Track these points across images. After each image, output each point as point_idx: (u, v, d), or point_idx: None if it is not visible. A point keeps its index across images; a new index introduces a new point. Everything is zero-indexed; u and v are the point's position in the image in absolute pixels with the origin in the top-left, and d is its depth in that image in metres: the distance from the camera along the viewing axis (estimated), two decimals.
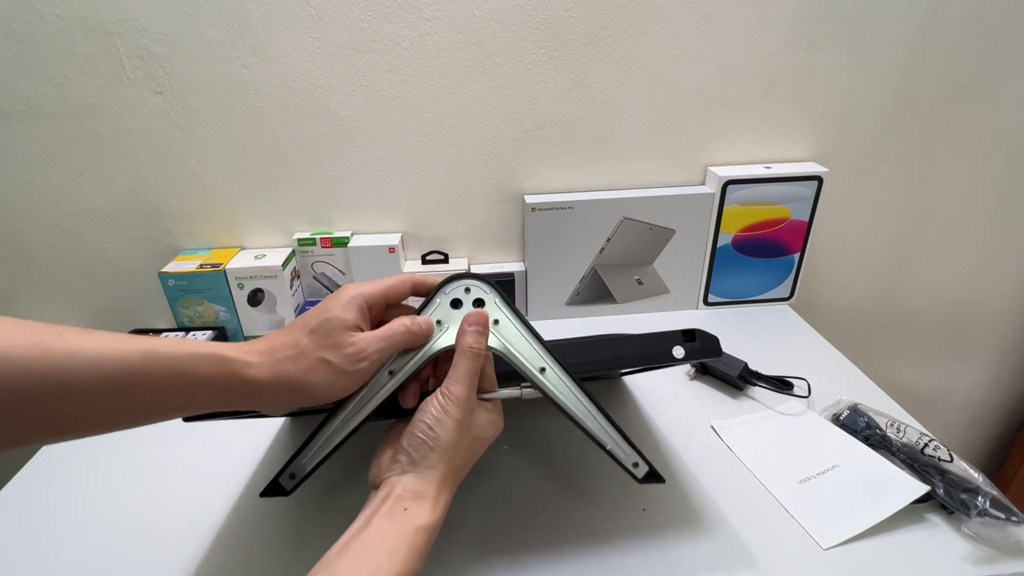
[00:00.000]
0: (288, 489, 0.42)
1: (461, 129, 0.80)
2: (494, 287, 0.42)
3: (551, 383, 0.42)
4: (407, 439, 0.39)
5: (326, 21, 0.72)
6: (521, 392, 0.43)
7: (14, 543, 0.54)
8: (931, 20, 0.78)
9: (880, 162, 0.88)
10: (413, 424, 0.39)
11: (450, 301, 0.42)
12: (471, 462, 0.42)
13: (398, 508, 0.36)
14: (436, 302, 0.42)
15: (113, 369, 0.31)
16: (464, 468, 0.41)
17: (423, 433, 0.38)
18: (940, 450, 0.57)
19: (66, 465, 0.63)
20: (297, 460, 0.41)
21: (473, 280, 0.42)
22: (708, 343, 0.46)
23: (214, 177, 0.80)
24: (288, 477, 0.42)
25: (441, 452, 0.38)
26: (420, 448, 0.38)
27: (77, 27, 0.70)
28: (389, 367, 0.41)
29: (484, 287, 0.42)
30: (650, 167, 0.85)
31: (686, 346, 0.45)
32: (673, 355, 0.45)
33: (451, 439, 0.38)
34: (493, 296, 0.42)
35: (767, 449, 0.61)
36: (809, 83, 0.81)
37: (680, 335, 0.45)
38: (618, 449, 0.43)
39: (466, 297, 0.42)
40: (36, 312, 0.86)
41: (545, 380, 0.42)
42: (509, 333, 0.42)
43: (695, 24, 0.76)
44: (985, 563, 0.48)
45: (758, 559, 0.50)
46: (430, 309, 0.42)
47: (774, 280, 0.90)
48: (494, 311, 0.42)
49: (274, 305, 0.81)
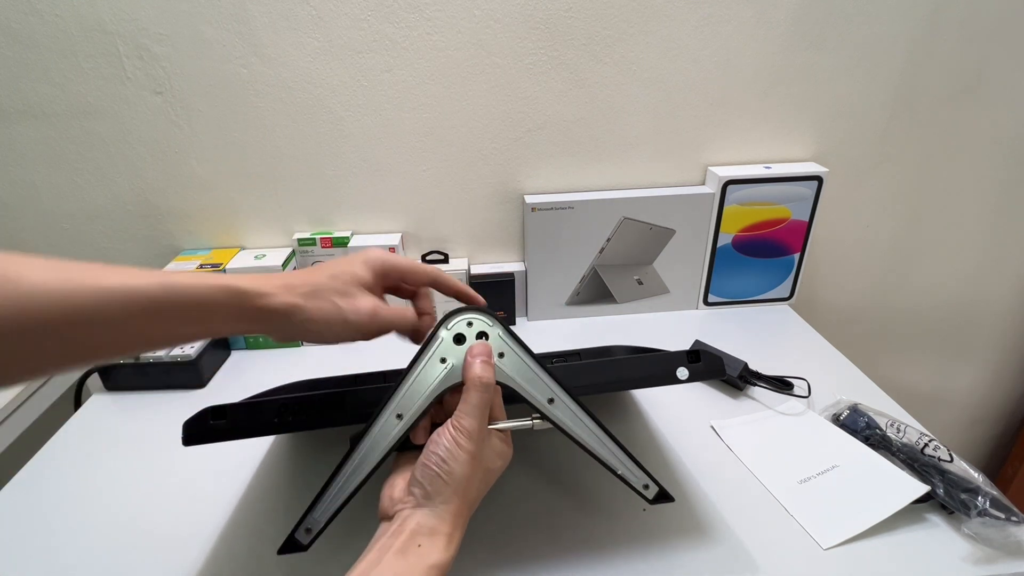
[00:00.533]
0: (305, 544, 0.41)
1: (461, 129, 0.80)
2: (497, 319, 0.41)
3: (560, 413, 0.42)
4: (420, 470, 0.38)
5: (326, 21, 0.72)
6: (532, 424, 0.42)
7: (14, 543, 0.54)
8: (931, 20, 0.78)
9: (880, 162, 0.88)
10: (426, 455, 0.38)
11: (453, 337, 0.41)
12: (483, 494, 0.41)
13: (412, 545, 0.35)
14: (440, 337, 0.41)
15: (136, 302, 0.33)
16: (476, 501, 0.41)
17: (437, 466, 0.37)
18: (940, 450, 0.57)
19: (66, 465, 0.63)
20: (311, 514, 0.41)
21: (475, 314, 0.41)
22: (712, 364, 0.46)
23: (214, 177, 0.80)
24: (304, 532, 0.41)
25: (455, 486, 0.37)
26: (434, 481, 0.37)
27: (77, 27, 0.70)
28: (396, 410, 0.40)
29: (487, 320, 0.41)
30: (650, 167, 0.85)
31: (690, 367, 0.45)
32: (677, 376, 0.45)
33: (464, 473, 0.38)
34: (497, 329, 0.41)
35: (767, 449, 0.61)
36: (809, 83, 0.81)
37: (685, 356, 0.45)
38: (629, 473, 0.44)
39: (469, 331, 0.41)
40: None
41: (554, 411, 0.42)
42: (516, 366, 0.41)
43: (695, 24, 0.76)
44: (985, 563, 0.48)
45: (758, 559, 0.50)
46: (433, 346, 0.41)
47: (774, 280, 0.90)
48: (499, 344, 0.41)
49: None
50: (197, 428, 0.43)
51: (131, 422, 0.70)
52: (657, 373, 0.45)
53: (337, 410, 0.43)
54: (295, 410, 0.43)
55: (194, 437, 0.43)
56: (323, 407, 0.43)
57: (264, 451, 0.63)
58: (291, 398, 0.43)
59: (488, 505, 0.55)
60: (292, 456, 0.62)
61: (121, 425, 0.69)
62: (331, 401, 0.43)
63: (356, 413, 0.43)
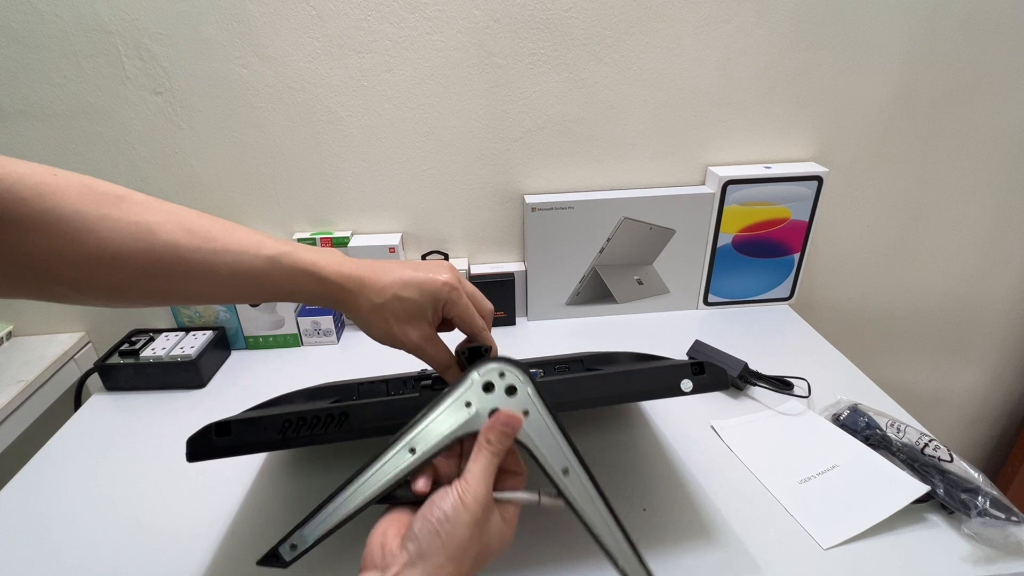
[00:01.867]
0: (287, 560, 0.39)
1: (461, 129, 0.80)
2: (530, 377, 0.40)
3: (572, 487, 0.40)
4: (420, 524, 0.36)
5: (326, 21, 0.72)
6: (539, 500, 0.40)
7: (14, 543, 0.54)
8: (931, 20, 0.79)
9: (880, 162, 0.88)
10: (428, 509, 0.36)
11: (483, 384, 0.40)
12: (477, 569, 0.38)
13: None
14: (469, 381, 0.40)
15: (244, 267, 0.40)
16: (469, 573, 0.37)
17: (438, 523, 0.35)
18: (940, 450, 0.57)
19: (66, 465, 0.63)
20: (300, 530, 0.39)
21: (509, 366, 0.40)
22: (716, 376, 0.46)
23: (214, 177, 0.80)
24: (289, 548, 0.39)
25: (453, 551, 0.35)
26: (432, 540, 0.35)
27: (77, 27, 0.70)
28: (410, 445, 0.39)
29: (519, 376, 0.40)
30: (650, 167, 0.85)
31: (694, 379, 0.45)
32: (681, 388, 0.45)
33: (464, 538, 0.36)
34: (527, 386, 0.40)
35: (767, 449, 0.61)
36: (809, 83, 0.81)
37: (689, 368, 0.45)
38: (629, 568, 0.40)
39: (499, 382, 0.40)
40: (36, 312, 0.86)
41: (567, 482, 0.40)
42: (538, 428, 0.40)
43: (695, 24, 0.76)
44: (985, 563, 0.48)
45: (758, 559, 0.50)
46: (460, 388, 0.40)
47: (774, 280, 0.90)
48: (525, 402, 0.40)
49: (274, 305, 0.81)
50: (201, 445, 0.43)
51: (131, 422, 0.70)
52: (661, 386, 0.45)
53: (342, 426, 0.43)
54: (299, 426, 0.43)
55: (198, 454, 0.43)
56: (328, 423, 0.43)
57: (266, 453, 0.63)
58: (295, 413, 0.43)
59: None
60: (294, 458, 0.62)
61: (121, 425, 0.69)
62: (336, 417, 0.44)
63: (361, 429, 0.43)
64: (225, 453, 0.43)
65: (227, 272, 0.40)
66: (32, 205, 0.34)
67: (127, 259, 0.37)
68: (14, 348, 0.84)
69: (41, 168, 0.35)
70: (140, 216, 0.38)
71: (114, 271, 0.37)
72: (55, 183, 0.35)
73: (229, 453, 0.43)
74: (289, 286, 0.42)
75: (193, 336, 0.78)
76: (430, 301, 0.45)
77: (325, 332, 0.83)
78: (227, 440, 0.43)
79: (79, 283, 0.37)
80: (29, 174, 0.34)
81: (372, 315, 0.44)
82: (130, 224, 0.37)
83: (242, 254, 0.40)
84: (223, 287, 0.41)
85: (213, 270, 0.40)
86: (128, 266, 0.37)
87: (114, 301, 0.40)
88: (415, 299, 0.44)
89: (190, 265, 0.39)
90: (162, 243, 0.38)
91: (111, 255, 0.36)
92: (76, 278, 0.36)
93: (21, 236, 0.34)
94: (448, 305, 0.46)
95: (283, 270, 0.42)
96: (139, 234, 0.37)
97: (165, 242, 0.38)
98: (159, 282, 0.39)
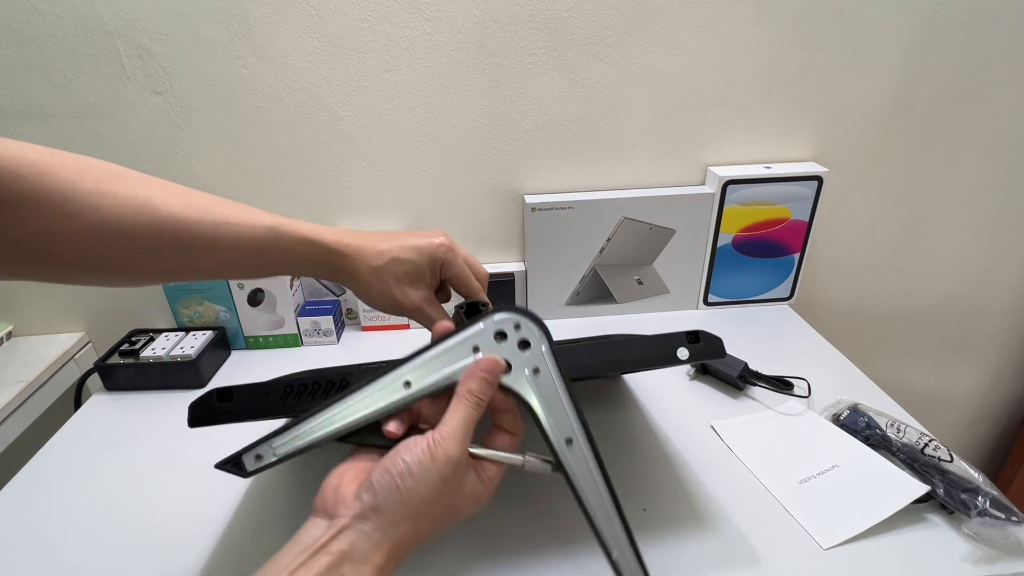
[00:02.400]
0: (249, 471, 0.37)
1: (461, 129, 0.80)
2: (546, 334, 0.37)
3: (574, 460, 0.36)
4: (378, 475, 0.33)
5: (326, 21, 0.72)
6: (524, 462, 0.37)
7: (15, 543, 0.54)
8: (931, 20, 0.78)
9: (880, 162, 0.88)
10: (391, 459, 0.33)
11: (495, 331, 0.37)
12: (433, 534, 0.34)
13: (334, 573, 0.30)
14: (480, 327, 0.37)
15: (246, 238, 0.41)
16: (424, 539, 0.34)
17: (399, 476, 0.32)
18: (940, 450, 0.57)
19: (66, 465, 0.63)
20: (269, 442, 0.36)
21: (526, 318, 0.37)
22: (712, 344, 0.45)
23: (214, 177, 0.80)
24: (254, 458, 0.36)
25: (412, 509, 0.32)
26: (389, 494, 0.32)
27: (77, 27, 0.70)
28: (406, 377, 0.36)
29: (535, 331, 0.37)
30: (650, 167, 0.85)
31: (690, 347, 0.44)
32: (677, 356, 0.44)
33: (426, 498, 0.32)
34: (542, 343, 0.37)
35: (767, 449, 0.61)
36: (809, 83, 0.81)
37: (684, 336, 0.45)
38: (623, 559, 0.36)
39: (513, 333, 0.37)
40: (36, 312, 0.86)
41: (569, 454, 0.36)
42: (548, 390, 0.36)
43: (695, 24, 0.76)
44: (985, 563, 0.48)
45: (758, 559, 0.50)
46: (470, 331, 0.37)
47: (774, 280, 0.90)
48: (538, 359, 0.37)
49: (274, 305, 0.81)
50: (203, 410, 0.43)
51: (131, 422, 0.70)
52: (657, 353, 0.45)
53: (343, 391, 0.42)
54: (300, 392, 0.42)
55: (200, 419, 0.43)
56: (328, 389, 0.42)
57: None
58: (297, 377, 0.43)
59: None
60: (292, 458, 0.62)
61: (121, 425, 0.69)
62: (337, 382, 0.42)
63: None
64: (226, 419, 0.43)
65: (228, 243, 0.40)
66: (31, 183, 0.34)
67: (129, 233, 0.37)
68: (14, 348, 0.84)
69: (38, 148, 0.35)
70: (140, 191, 0.38)
71: (117, 246, 0.37)
72: (53, 162, 0.35)
73: (230, 419, 0.42)
74: (291, 255, 0.43)
75: (193, 336, 0.78)
76: (428, 262, 0.47)
77: (325, 332, 0.83)
78: (228, 405, 0.43)
79: (82, 260, 0.37)
80: (27, 152, 0.34)
81: (372, 279, 0.46)
82: (131, 198, 0.37)
83: (242, 225, 0.41)
84: (225, 259, 0.41)
85: (215, 242, 0.40)
86: (130, 241, 0.37)
87: (117, 279, 0.40)
88: (414, 260, 0.47)
89: (192, 237, 0.39)
90: (163, 216, 0.38)
91: (113, 230, 0.36)
92: (79, 255, 0.36)
93: (22, 215, 0.34)
94: (445, 265, 0.48)
95: (284, 239, 0.43)
96: (140, 208, 0.37)
97: (166, 215, 0.38)
98: (161, 256, 0.39)
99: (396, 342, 0.85)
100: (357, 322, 0.88)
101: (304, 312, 0.83)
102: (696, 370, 0.74)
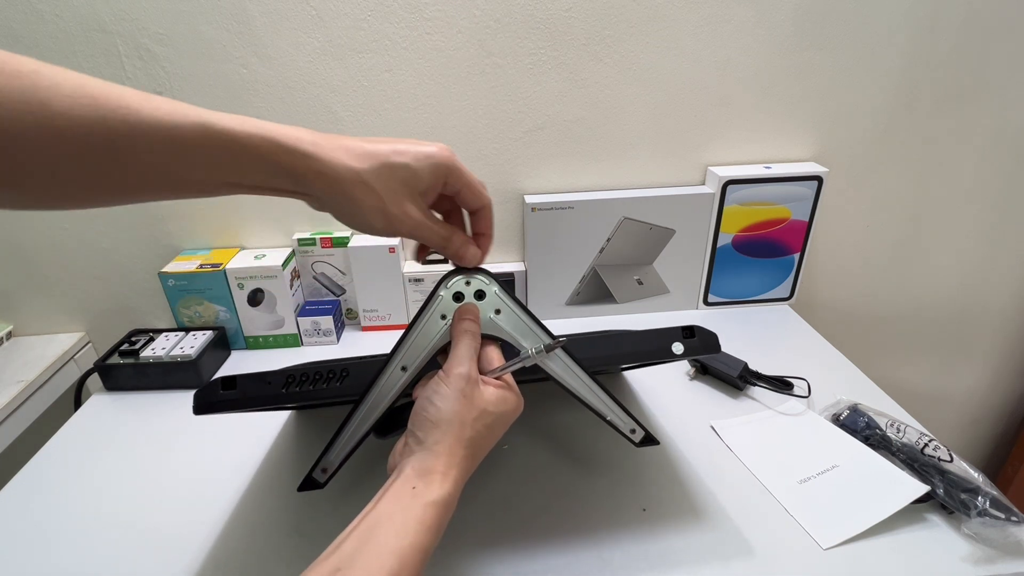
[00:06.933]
0: (322, 482, 0.44)
1: (461, 129, 0.80)
2: (493, 278, 0.44)
3: (554, 364, 0.44)
4: (412, 420, 0.39)
5: (326, 21, 0.72)
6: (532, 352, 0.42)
7: (14, 543, 0.54)
8: (931, 20, 0.78)
9: (880, 162, 0.88)
10: (417, 404, 0.39)
11: (452, 295, 0.43)
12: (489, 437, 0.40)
13: (405, 488, 0.36)
14: (439, 296, 0.43)
15: (167, 140, 0.31)
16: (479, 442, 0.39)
17: (424, 410, 0.38)
18: (940, 450, 0.57)
19: (66, 465, 0.63)
20: (326, 456, 0.44)
21: (472, 274, 0.44)
22: (706, 339, 0.47)
23: None
24: (320, 472, 0.44)
25: (445, 426, 0.38)
26: (424, 425, 0.38)
27: (77, 27, 0.70)
28: (401, 363, 0.43)
29: (484, 280, 0.44)
30: (650, 167, 0.85)
31: (685, 342, 0.46)
32: (672, 351, 0.46)
33: (452, 410, 0.38)
34: (493, 287, 0.44)
35: (767, 449, 0.61)
36: (809, 83, 0.81)
37: (679, 331, 0.46)
38: (617, 419, 0.46)
39: (467, 290, 0.44)
40: (36, 312, 0.86)
41: (548, 360, 0.43)
42: (512, 321, 0.44)
43: (695, 24, 0.76)
44: (985, 563, 0.48)
45: (758, 559, 0.50)
46: (433, 304, 0.43)
47: (774, 280, 0.90)
48: (495, 301, 0.44)
49: (274, 305, 0.81)
50: (207, 398, 0.43)
51: (131, 422, 0.70)
52: (652, 347, 0.46)
53: (343, 382, 0.45)
54: (302, 380, 0.44)
55: (204, 407, 0.43)
56: (329, 378, 0.45)
57: (264, 452, 0.63)
58: (299, 368, 0.45)
59: (485, 499, 0.55)
60: (291, 458, 0.62)
61: (121, 425, 0.69)
62: (337, 373, 0.45)
63: (363, 384, 0.43)
64: (230, 407, 0.43)
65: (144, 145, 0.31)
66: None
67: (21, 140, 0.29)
68: (14, 348, 0.84)
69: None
70: (27, 83, 0.29)
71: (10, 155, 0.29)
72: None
73: (234, 407, 0.44)
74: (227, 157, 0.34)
75: (193, 336, 0.78)
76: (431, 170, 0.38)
77: (325, 332, 0.83)
78: (232, 393, 0.43)
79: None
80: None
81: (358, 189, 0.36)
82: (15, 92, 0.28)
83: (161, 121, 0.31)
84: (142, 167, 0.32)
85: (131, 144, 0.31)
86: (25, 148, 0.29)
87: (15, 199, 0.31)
88: (411, 166, 0.37)
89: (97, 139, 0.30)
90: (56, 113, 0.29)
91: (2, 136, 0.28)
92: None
93: None
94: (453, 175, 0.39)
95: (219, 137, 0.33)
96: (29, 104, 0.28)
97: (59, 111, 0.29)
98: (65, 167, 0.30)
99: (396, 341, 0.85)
100: (357, 322, 0.88)
101: (304, 312, 0.83)
102: (696, 370, 0.74)
